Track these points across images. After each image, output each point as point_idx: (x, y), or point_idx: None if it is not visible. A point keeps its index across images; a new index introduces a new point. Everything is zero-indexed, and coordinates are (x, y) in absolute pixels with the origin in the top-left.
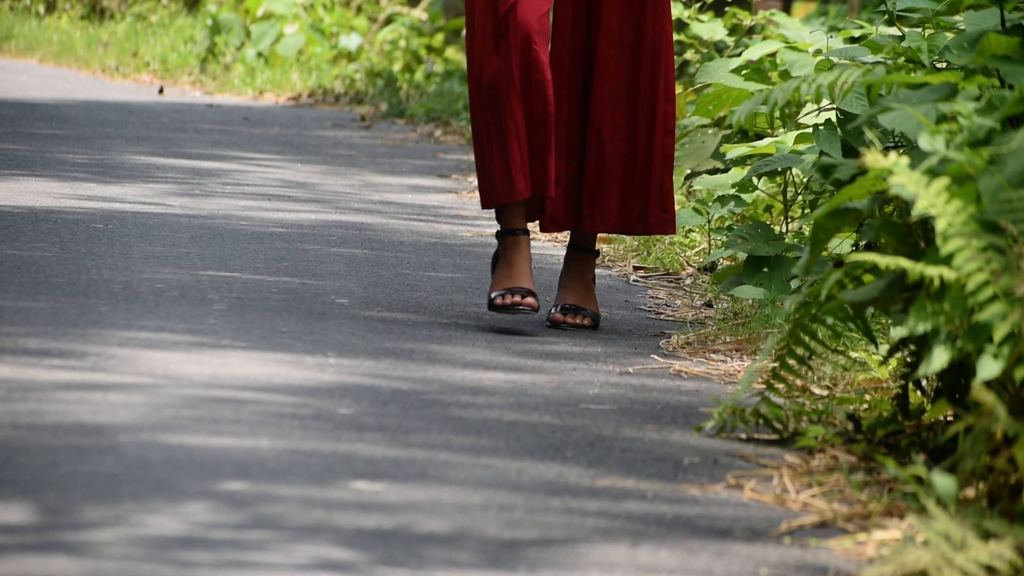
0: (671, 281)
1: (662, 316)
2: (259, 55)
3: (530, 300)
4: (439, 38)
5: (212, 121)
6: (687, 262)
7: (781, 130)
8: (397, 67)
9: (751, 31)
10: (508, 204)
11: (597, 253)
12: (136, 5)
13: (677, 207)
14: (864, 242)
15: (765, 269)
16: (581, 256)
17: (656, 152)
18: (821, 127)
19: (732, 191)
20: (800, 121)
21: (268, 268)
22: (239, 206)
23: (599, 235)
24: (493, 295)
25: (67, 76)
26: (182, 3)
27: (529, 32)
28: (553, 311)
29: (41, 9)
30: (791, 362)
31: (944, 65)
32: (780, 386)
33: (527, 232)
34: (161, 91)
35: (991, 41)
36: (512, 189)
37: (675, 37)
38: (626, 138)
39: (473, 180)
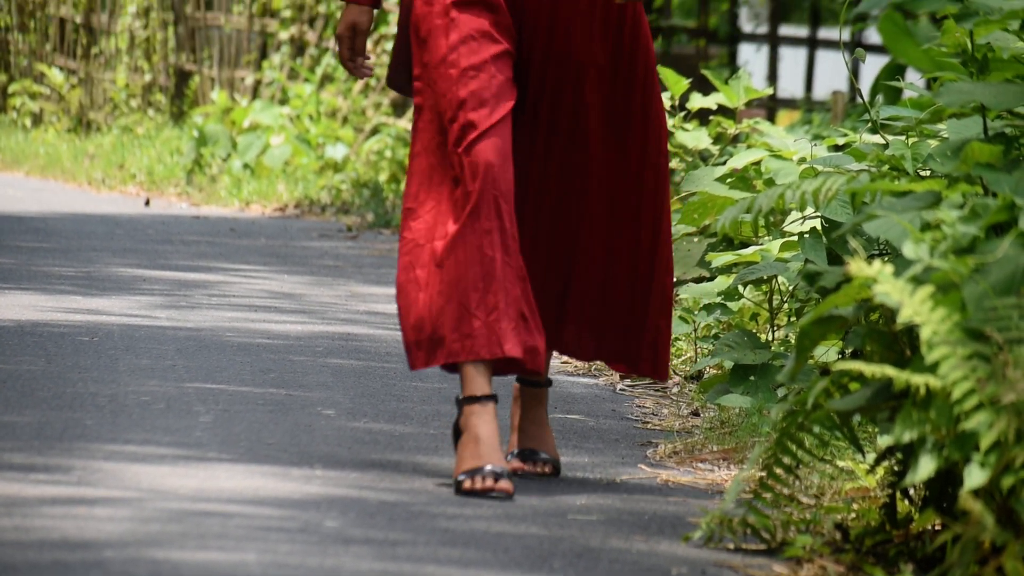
0: (658, 390)
1: (649, 425)
2: (245, 166)
3: (504, 484)
4: None
5: (198, 232)
6: (674, 371)
7: (766, 238)
8: (383, 177)
9: (736, 139)
10: (474, 363)
11: (550, 383)
12: (122, 118)
13: None
14: (850, 350)
15: (752, 377)
16: (532, 391)
17: (655, 290)
18: (806, 235)
19: (718, 299)
20: (785, 229)
21: (254, 379)
22: (225, 317)
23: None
24: (460, 477)
25: (54, 189)
26: (168, 115)
27: (497, 185)
28: (510, 457)
29: (28, 122)
30: (778, 471)
31: (928, 173)
32: (767, 495)
33: (495, 397)
34: (147, 203)
35: (974, 149)
36: (497, 343)
37: None
38: (606, 267)
39: None
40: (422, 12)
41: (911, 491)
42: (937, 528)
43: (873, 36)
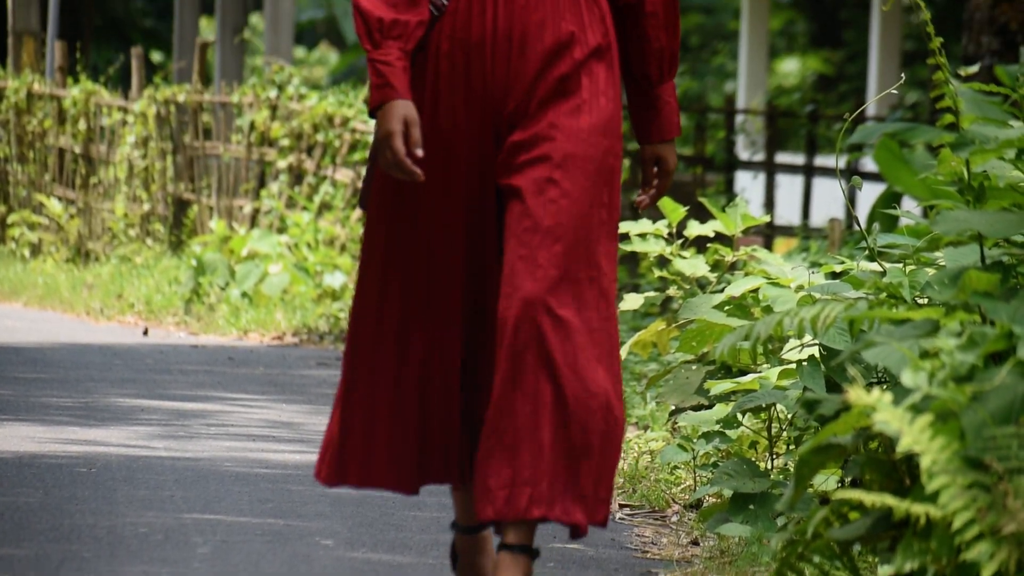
0: (657, 518)
1: (648, 554)
2: (244, 295)
3: None
4: None
5: (197, 362)
6: (673, 499)
7: (765, 365)
8: None
9: (733, 267)
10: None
11: (536, 553)
12: (121, 247)
13: (661, 443)
14: (849, 478)
15: (751, 506)
16: (511, 559)
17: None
18: (804, 363)
19: (717, 427)
20: (783, 356)
21: (253, 509)
22: (223, 447)
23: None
24: None
25: (52, 319)
26: (167, 244)
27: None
28: None
29: (27, 253)
30: None
31: (926, 301)
32: None
33: (490, 524)
34: (146, 332)
35: (972, 278)
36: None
37: (657, 273)
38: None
39: None
40: None
41: None
42: None
43: (870, 164)
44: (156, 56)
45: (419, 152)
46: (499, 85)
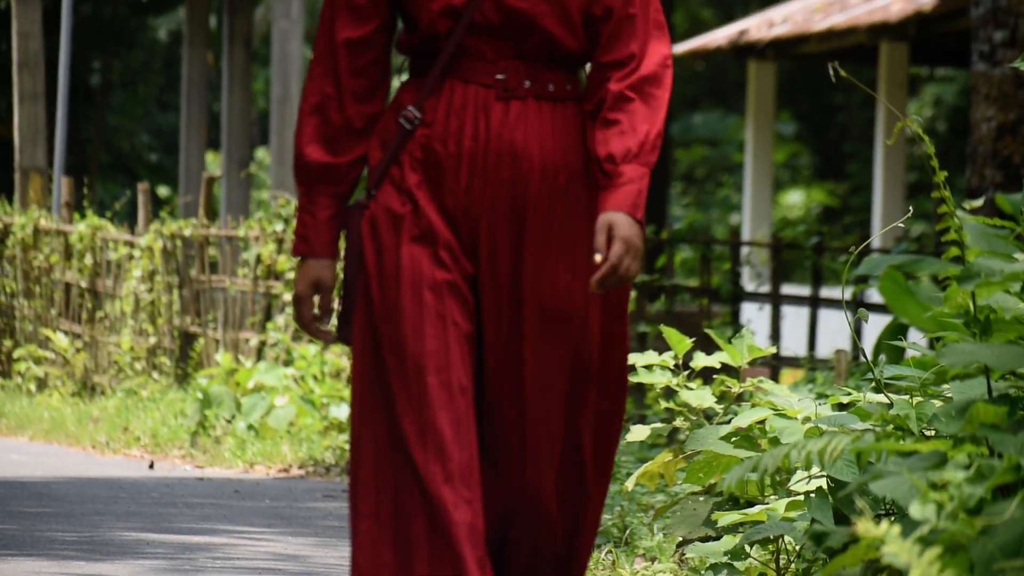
0: None
1: None
2: (250, 427)
3: None
4: None
5: (202, 495)
6: None
7: (772, 497)
8: None
9: (740, 398)
10: None
11: None
12: (127, 380)
13: (669, 575)
14: None
15: None
16: None
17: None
18: (812, 494)
19: (724, 559)
20: (791, 488)
21: None
22: None
23: None
24: None
25: (58, 452)
26: (173, 377)
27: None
28: None
29: (33, 387)
30: None
31: (933, 433)
32: None
33: None
34: (151, 466)
35: (979, 410)
36: None
37: (664, 404)
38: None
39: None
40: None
41: None
42: None
43: (875, 296)
44: (162, 191)
45: (327, 323)
46: (475, 202)
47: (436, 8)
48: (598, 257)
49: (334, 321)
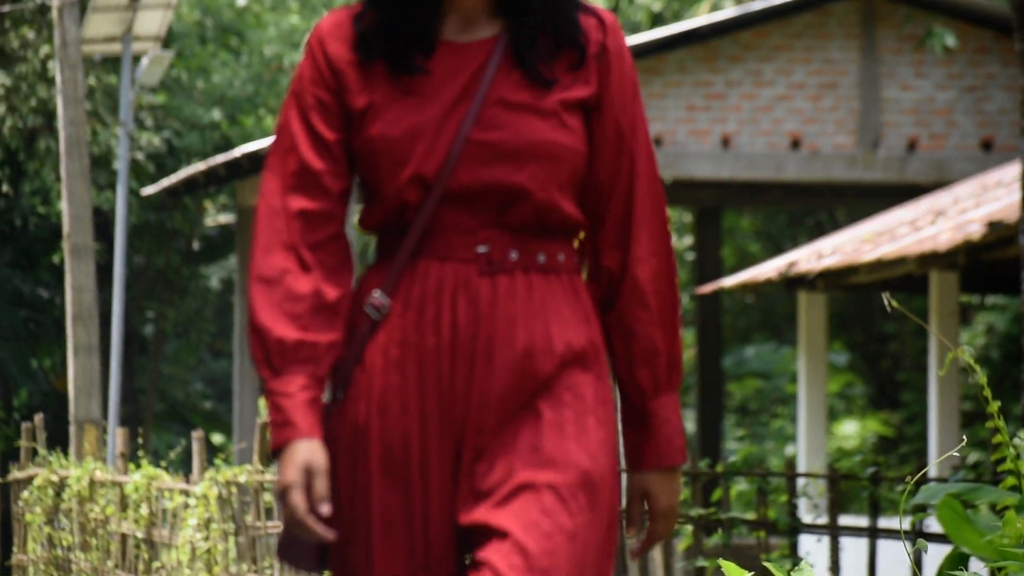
0: None
1: None
2: None
3: None
4: None
5: None
6: None
7: None
8: None
9: None
10: None
11: None
12: None
13: None
14: None
15: None
16: None
17: None
18: None
19: None
20: None
21: None
22: None
23: None
24: None
25: None
26: None
27: None
28: None
29: None
30: None
31: None
32: None
33: None
34: None
35: None
36: None
37: None
38: None
39: None
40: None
41: None
42: None
43: (934, 525)
44: (217, 438)
45: (325, 509)
46: (459, 399)
47: (404, 176)
48: (631, 531)
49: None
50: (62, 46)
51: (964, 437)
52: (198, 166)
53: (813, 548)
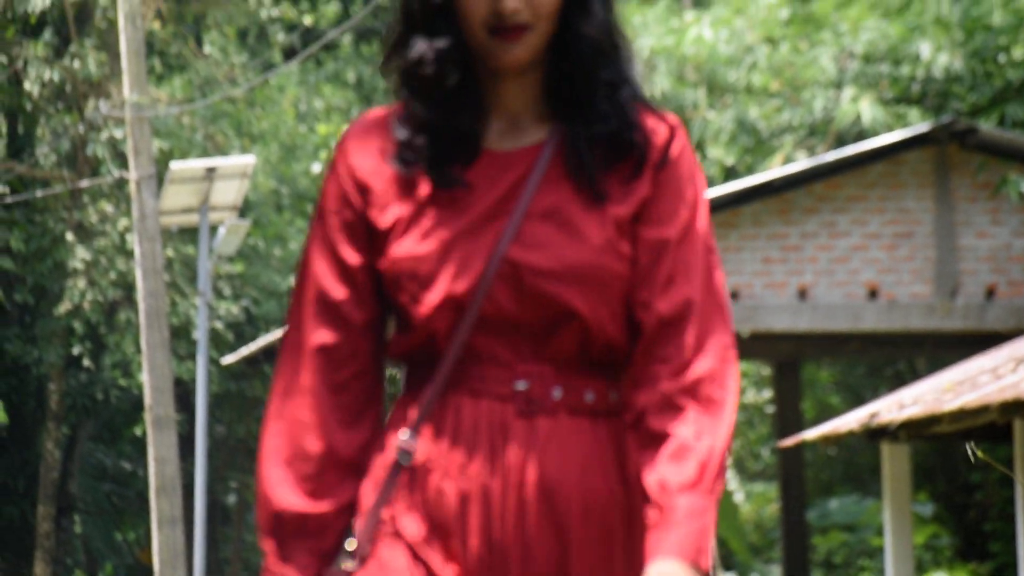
0: None
1: None
2: None
3: None
4: None
5: None
6: None
7: None
8: None
9: None
10: None
11: None
12: None
13: None
14: None
15: None
16: None
17: None
18: None
19: None
20: None
21: None
22: None
23: None
24: None
25: None
26: None
27: None
28: None
29: None
30: None
31: None
32: None
33: None
34: None
35: None
36: None
37: None
38: None
39: None
40: None
41: None
42: None
43: None
44: None
45: None
46: (497, 563)
47: (433, 300)
48: None
49: None
50: (140, 219)
51: None
52: (277, 333)
53: None
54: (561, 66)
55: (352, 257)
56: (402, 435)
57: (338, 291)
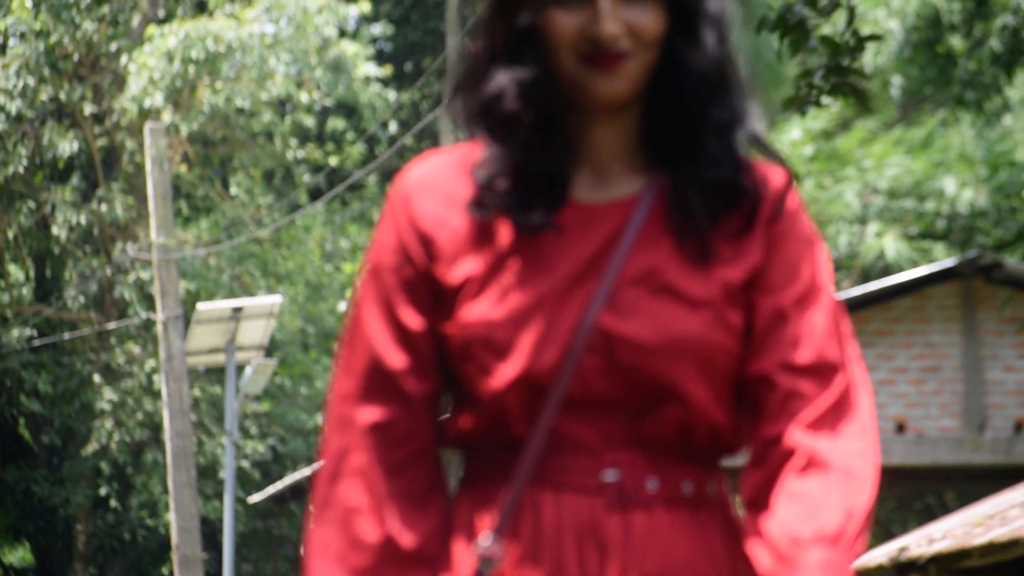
0: None
1: None
2: None
3: None
4: None
5: None
6: None
7: None
8: None
9: None
10: None
11: None
12: None
13: None
14: None
15: None
16: None
17: None
18: None
19: None
20: None
21: None
22: None
23: None
24: None
25: None
26: None
27: None
28: None
29: None
30: None
31: None
32: None
33: None
34: None
35: None
36: None
37: None
38: None
39: None
40: None
41: None
42: None
43: None
44: None
45: None
46: None
47: (511, 375)
48: None
49: None
50: (167, 359)
51: None
52: (303, 471)
53: None
54: (662, 106)
55: (413, 320)
56: (484, 541)
57: (396, 359)
